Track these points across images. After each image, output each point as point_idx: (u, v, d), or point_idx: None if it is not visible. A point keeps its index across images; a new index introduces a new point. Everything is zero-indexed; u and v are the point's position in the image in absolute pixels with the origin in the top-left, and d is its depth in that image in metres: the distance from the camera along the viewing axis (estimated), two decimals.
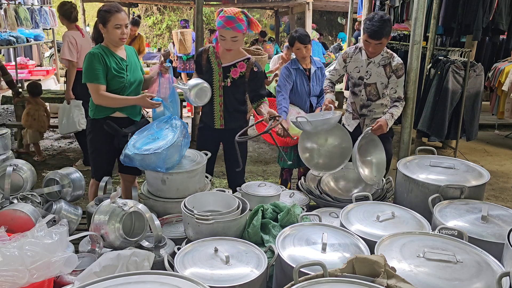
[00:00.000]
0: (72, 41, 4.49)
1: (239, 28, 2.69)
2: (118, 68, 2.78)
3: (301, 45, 3.40)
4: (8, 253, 1.53)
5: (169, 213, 2.52)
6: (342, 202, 2.60)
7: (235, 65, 2.88)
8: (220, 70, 2.89)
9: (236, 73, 2.87)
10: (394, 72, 3.01)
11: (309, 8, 10.99)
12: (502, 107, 6.07)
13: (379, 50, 3.01)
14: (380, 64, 3.05)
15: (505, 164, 5.62)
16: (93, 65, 2.70)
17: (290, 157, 3.54)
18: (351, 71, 3.20)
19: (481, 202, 2.25)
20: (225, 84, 2.90)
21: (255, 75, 2.90)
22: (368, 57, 3.07)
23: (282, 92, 3.39)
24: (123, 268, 1.63)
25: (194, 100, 2.69)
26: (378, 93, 3.12)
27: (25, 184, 2.56)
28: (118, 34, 2.73)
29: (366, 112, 3.22)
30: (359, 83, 3.18)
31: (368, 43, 2.95)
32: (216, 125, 2.99)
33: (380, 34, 2.87)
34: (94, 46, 2.83)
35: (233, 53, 2.86)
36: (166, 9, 18.22)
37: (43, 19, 9.26)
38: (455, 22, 5.16)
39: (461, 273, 1.50)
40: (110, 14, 2.69)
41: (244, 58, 2.90)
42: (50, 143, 6.13)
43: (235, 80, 2.88)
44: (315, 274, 1.39)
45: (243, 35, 2.77)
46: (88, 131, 2.96)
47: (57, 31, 10.95)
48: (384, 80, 3.07)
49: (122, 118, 2.86)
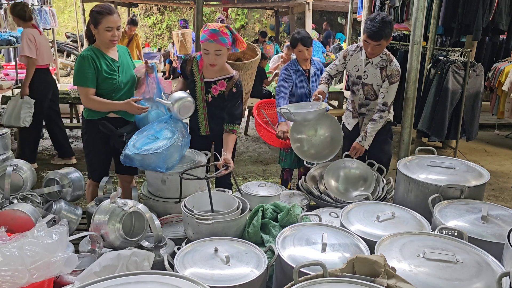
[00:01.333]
0: (31, 38, 4.52)
1: (222, 42, 2.63)
2: (110, 70, 2.76)
3: (304, 47, 3.40)
4: (8, 253, 1.53)
5: (169, 213, 2.52)
6: (342, 202, 2.60)
7: (216, 82, 2.82)
8: (202, 84, 2.84)
9: (216, 91, 2.83)
10: (388, 77, 3.00)
11: (309, 8, 10.99)
12: (502, 107, 6.07)
13: (377, 52, 3.00)
14: (378, 66, 3.04)
15: (505, 164, 5.62)
16: (83, 68, 2.69)
17: (291, 158, 3.54)
18: (350, 69, 3.20)
19: (481, 202, 2.25)
20: (207, 99, 2.86)
21: (233, 95, 2.82)
22: (367, 57, 3.06)
23: (282, 94, 3.39)
24: (123, 268, 1.63)
25: (177, 115, 2.65)
26: (375, 93, 3.11)
27: (25, 184, 2.56)
28: (109, 36, 2.71)
29: (365, 111, 3.23)
30: (357, 82, 3.18)
31: (367, 43, 2.94)
32: (202, 132, 2.98)
33: (379, 36, 2.85)
34: (86, 48, 2.81)
35: (216, 69, 2.78)
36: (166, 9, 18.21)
37: (43, 19, 9.24)
38: (455, 22, 5.16)
39: (461, 273, 1.50)
40: (102, 16, 2.67)
41: (226, 76, 2.82)
42: (50, 143, 6.13)
43: (215, 97, 2.84)
44: (315, 274, 1.39)
45: (227, 50, 2.70)
46: (83, 132, 2.96)
47: (57, 31, 10.95)
48: (379, 82, 3.06)
49: (116, 118, 2.86)
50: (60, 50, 12.58)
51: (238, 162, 5.37)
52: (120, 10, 14.93)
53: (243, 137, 6.74)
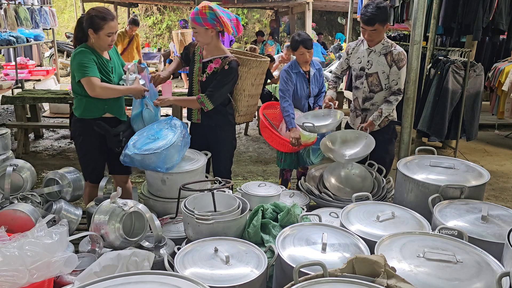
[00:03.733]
0: None
1: (197, 21, 2.79)
2: (104, 71, 2.77)
3: (305, 49, 3.39)
4: (8, 253, 1.53)
5: (169, 213, 2.52)
6: (342, 202, 2.60)
7: (212, 61, 2.94)
8: (200, 65, 2.98)
9: (211, 69, 2.93)
10: (396, 62, 3.03)
11: (309, 8, 10.99)
12: (502, 107, 6.06)
13: (375, 38, 3.04)
14: (381, 53, 3.08)
15: (505, 164, 5.62)
16: (83, 60, 2.66)
17: (291, 158, 3.54)
18: (354, 62, 3.24)
19: (481, 202, 2.25)
20: (201, 79, 2.97)
21: (223, 72, 2.90)
22: (368, 47, 3.11)
23: (286, 98, 3.37)
24: (123, 268, 1.63)
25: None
26: (380, 83, 3.11)
27: (25, 184, 2.56)
28: (109, 41, 2.73)
29: (369, 106, 3.21)
30: (360, 75, 3.20)
31: (364, 30, 3.02)
32: (194, 119, 3.08)
33: (373, 20, 2.92)
34: (79, 45, 2.76)
35: (213, 49, 2.93)
36: (166, 9, 18.21)
37: (43, 19, 9.24)
38: (455, 22, 5.16)
39: (461, 273, 1.50)
40: (105, 22, 2.66)
41: (222, 55, 2.94)
42: (50, 143, 6.13)
43: (209, 75, 2.93)
44: (315, 274, 1.39)
45: (205, 30, 2.83)
46: (76, 134, 2.87)
47: (57, 31, 10.95)
48: (385, 69, 3.08)
49: (110, 118, 2.85)
50: (60, 50, 12.58)
51: (238, 162, 5.38)
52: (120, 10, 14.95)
53: (243, 137, 6.74)
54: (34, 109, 6.06)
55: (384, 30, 3.03)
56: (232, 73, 2.90)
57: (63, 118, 7.14)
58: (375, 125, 3.06)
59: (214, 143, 3.04)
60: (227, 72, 2.89)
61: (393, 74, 3.06)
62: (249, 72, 3.09)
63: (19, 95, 5.54)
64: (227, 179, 2.89)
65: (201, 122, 3.05)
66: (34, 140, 6.23)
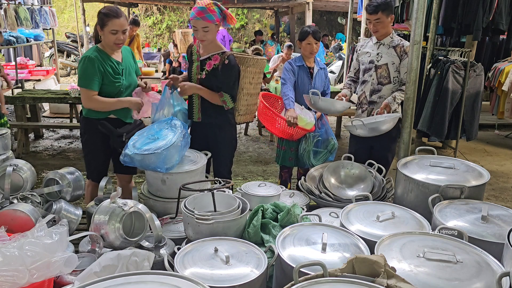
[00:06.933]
0: None
1: (209, 19, 2.76)
2: (115, 74, 2.76)
3: (313, 39, 3.39)
4: (8, 253, 1.53)
5: (169, 213, 2.52)
6: (342, 202, 2.60)
7: (210, 57, 2.94)
8: (198, 63, 2.98)
9: (210, 66, 2.93)
10: (407, 54, 3.09)
11: (309, 8, 10.99)
12: (502, 107, 6.07)
13: (380, 29, 3.14)
14: (390, 46, 3.18)
15: (505, 164, 5.62)
16: (88, 70, 2.68)
17: (291, 156, 3.53)
18: (363, 57, 3.32)
19: (481, 202, 2.25)
20: (200, 77, 2.96)
21: (226, 67, 2.89)
22: (378, 40, 3.21)
23: (287, 84, 3.35)
24: (123, 268, 1.63)
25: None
26: (389, 75, 3.18)
27: (25, 184, 2.56)
28: (114, 39, 2.70)
29: (376, 99, 3.27)
30: (369, 68, 3.26)
31: (369, 21, 3.15)
32: (195, 118, 3.07)
33: (377, 8, 3.06)
34: (91, 48, 2.81)
35: (210, 47, 2.92)
36: (166, 9, 18.22)
37: (43, 19, 9.25)
38: (455, 22, 5.16)
39: (461, 273, 1.50)
40: (108, 19, 2.65)
41: (220, 51, 2.94)
42: (50, 143, 6.13)
43: (209, 72, 2.93)
44: (315, 274, 1.39)
45: (215, 26, 2.83)
46: (82, 132, 2.95)
47: (57, 31, 10.95)
48: (395, 60, 3.16)
49: (114, 119, 2.86)
50: (60, 50, 12.59)
51: (238, 162, 5.38)
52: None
53: (243, 137, 6.74)
54: (34, 109, 6.07)
55: (389, 22, 3.13)
56: (234, 65, 2.92)
57: (63, 118, 7.15)
58: (391, 108, 3.12)
59: (214, 143, 3.04)
60: (229, 67, 2.89)
61: (404, 66, 3.13)
62: (247, 71, 3.09)
63: (19, 95, 5.55)
64: (227, 179, 2.90)
65: (202, 121, 3.05)
66: (34, 140, 6.24)
